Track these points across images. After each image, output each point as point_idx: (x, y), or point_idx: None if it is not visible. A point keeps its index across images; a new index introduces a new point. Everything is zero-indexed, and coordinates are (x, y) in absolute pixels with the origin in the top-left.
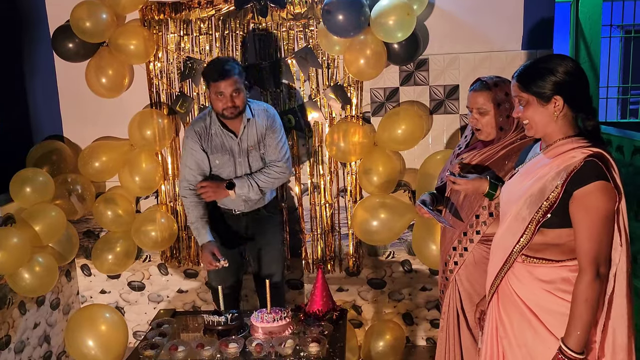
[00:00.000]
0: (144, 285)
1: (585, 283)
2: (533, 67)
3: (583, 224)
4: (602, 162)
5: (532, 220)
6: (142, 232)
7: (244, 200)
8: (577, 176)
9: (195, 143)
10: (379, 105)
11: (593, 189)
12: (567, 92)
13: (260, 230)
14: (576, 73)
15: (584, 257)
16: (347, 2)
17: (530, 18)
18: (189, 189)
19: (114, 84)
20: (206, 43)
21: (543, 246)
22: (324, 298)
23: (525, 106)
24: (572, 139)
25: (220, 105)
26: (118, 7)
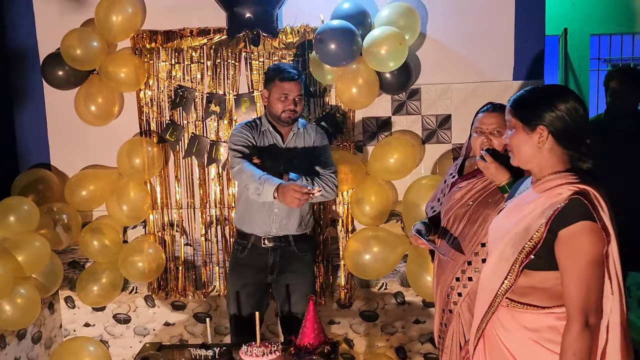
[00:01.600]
0: (130, 317)
1: (573, 334)
2: (530, 93)
3: (569, 269)
4: (588, 201)
5: (515, 261)
6: (129, 262)
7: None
8: (561, 215)
9: (247, 131)
10: (371, 134)
11: (578, 229)
12: (555, 125)
13: (287, 269)
14: (571, 108)
15: (571, 306)
16: (339, 31)
17: (521, 49)
18: (243, 158)
19: (103, 112)
20: (198, 71)
21: (528, 290)
22: (316, 331)
23: (512, 131)
24: (562, 175)
25: (281, 107)
26: (109, 35)
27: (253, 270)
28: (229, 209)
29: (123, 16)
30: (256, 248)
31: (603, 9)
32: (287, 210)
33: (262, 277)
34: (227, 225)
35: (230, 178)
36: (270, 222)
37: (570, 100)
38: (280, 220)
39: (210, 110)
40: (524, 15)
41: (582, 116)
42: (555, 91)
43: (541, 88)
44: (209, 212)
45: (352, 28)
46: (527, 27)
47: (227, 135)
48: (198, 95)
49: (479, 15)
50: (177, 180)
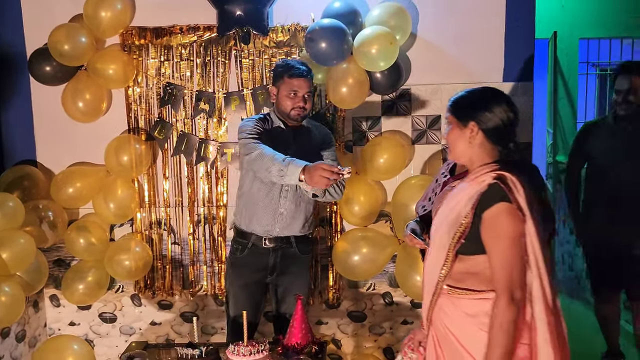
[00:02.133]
0: (116, 317)
1: (499, 308)
2: (468, 93)
3: (493, 248)
4: (504, 184)
5: (449, 247)
6: (116, 261)
7: (280, 214)
8: (483, 199)
9: (259, 124)
10: (361, 134)
11: (497, 210)
12: (486, 123)
13: (288, 270)
14: (502, 110)
15: (497, 282)
16: (330, 30)
17: (511, 50)
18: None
19: (91, 109)
20: (187, 69)
21: (464, 275)
22: (303, 330)
23: (449, 126)
24: (488, 165)
25: (290, 104)
26: (98, 31)
27: (253, 270)
28: (217, 208)
29: (112, 12)
30: (257, 248)
31: (592, 13)
32: (293, 210)
33: (261, 278)
34: (215, 224)
35: (218, 177)
36: (274, 222)
37: (503, 103)
38: (284, 221)
39: (199, 108)
40: (514, 17)
41: (511, 118)
42: (491, 94)
43: (480, 89)
44: (197, 211)
45: (342, 27)
46: (518, 29)
47: (216, 133)
48: (187, 93)
49: (470, 16)
50: (165, 179)
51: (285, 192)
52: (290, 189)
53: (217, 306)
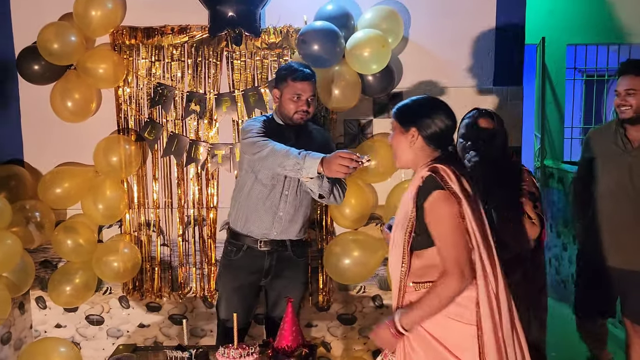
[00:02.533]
0: (103, 319)
1: (446, 282)
2: (411, 101)
3: (436, 232)
4: (437, 175)
5: (404, 244)
6: (104, 262)
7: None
8: (421, 191)
9: (262, 123)
10: (353, 136)
11: (433, 199)
12: (425, 128)
13: (282, 274)
14: (440, 117)
15: (446, 262)
16: (323, 32)
17: (501, 56)
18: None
19: (80, 108)
20: (178, 70)
21: (424, 269)
22: (294, 333)
23: (392, 132)
24: (425, 165)
25: (293, 108)
26: (88, 30)
27: (247, 272)
28: (208, 210)
29: (102, 11)
30: (252, 250)
31: (580, 20)
32: (292, 214)
33: (255, 280)
34: (205, 225)
35: (209, 178)
36: (272, 225)
37: (441, 111)
38: (283, 224)
39: (190, 109)
40: (504, 22)
41: (449, 125)
42: (431, 102)
43: (422, 98)
44: (186, 212)
45: (335, 29)
46: (508, 35)
47: (207, 135)
48: (178, 94)
49: (461, 20)
50: (154, 180)
51: (285, 195)
52: (290, 193)
53: (206, 308)
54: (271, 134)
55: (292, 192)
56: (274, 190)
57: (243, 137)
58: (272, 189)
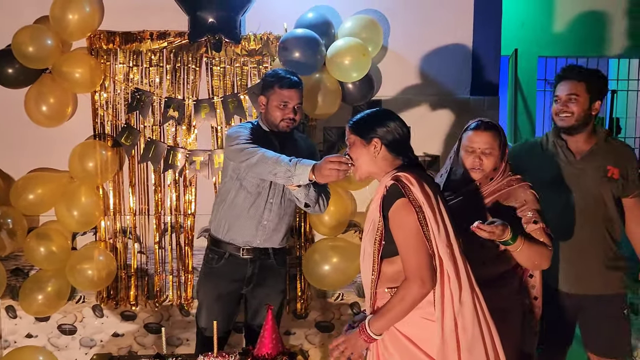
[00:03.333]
0: (76, 328)
1: (408, 287)
2: (365, 114)
3: (398, 239)
4: (399, 183)
5: (374, 253)
6: (78, 270)
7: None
8: (385, 201)
9: (248, 130)
10: (332, 144)
11: (395, 207)
12: (386, 137)
13: (264, 283)
14: (397, 125)
15: (407, 268)
16: (304, 40)
17: (478, 66)
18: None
19: (55, 113)
20: (156, 75)
21: (398, 274)
22: (274, 340)
23: (351, 147)
24: (389, 173)
25: (280, 115)
26: (64, 33)
27: (229, 280)
28: (185, 217)
29: (80, 15)
30: (234, 258)
31: (550, 33)
32: (276, 222)
33: (237, 288)
34: (182, 233)
35: (187, 185)
36: (256, 233)
37: (396, 119)
38: (267, 233)
39: (168, 115)
40: (481, 34)
41: (405, 132)
42: (384, 113)
43: (374, 111)
44: (163, 219)
45: (316, 37)
46: (484, 46)
47: (185, 141)
48: (156, 100)
49: (439, 31)
50: (131, 186)
51: (270, 203)
52: (275, 201)
53: (182, 317)
54: (257, 141)
55: (277, 201)
56: (259, 198)
57: (229, 144)
58: (258, 197)
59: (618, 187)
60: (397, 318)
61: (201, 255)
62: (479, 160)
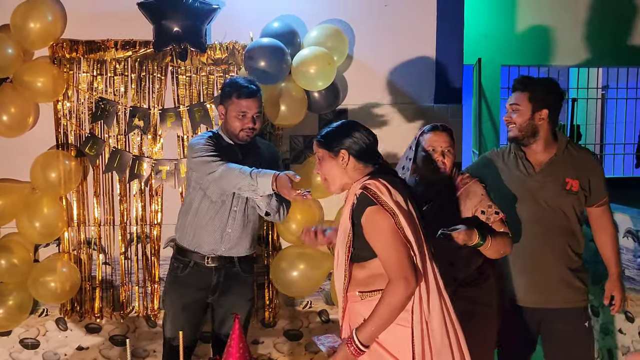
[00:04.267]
0: (39, 342)
1: (392, 290)
2: (330, 128)
3: (376, 246)
4: (369, 192)
5: (345, 259)
6: (40, 283)
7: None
8: (356, 209)
9: (209, 140)
10: (299, 152)
11: (367, 215)
12: (353, 147)
13: (230, 290)
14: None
15: (389, 272)
16: (270, 49)
17: (442, 75)
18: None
19: (16, 123)
20: (121, 84)
21: (370, 279)
22: (241, 350)
23: (321, 161)
24: (358, 181)
25: (239, 125)
26: (26, 42)
27: (194, 289)
28: (151, 226)
29: (42, 23)
30: (199, 266)
31: (513, 42)
32: (240, 231)
33: (203, 297)
34: (148, 243)
35: (152, 194)
36: (221, 241)
37: (361, 129)
38: (231, 241)
39: (133, 124)
40: (444, 43)
41: (371, 140)
42: (349, 124)
43: (339, 123)
44: (129, 230)
45: (282, 46)
46: (447, 54)
47: (151, 150)
48: (121, 109)
49: (403, 41)
50: (95, 196)
51: (234, 212)
52: (239, 209)
53: (149, 328)
54: (218, 151)
55: (241, 209)
56: (222, 206)
57: (193, 155)
58: (221, 206)
59: (579, 199)
60: (385, 325)
61: (168, 265)
62: (442, 158)
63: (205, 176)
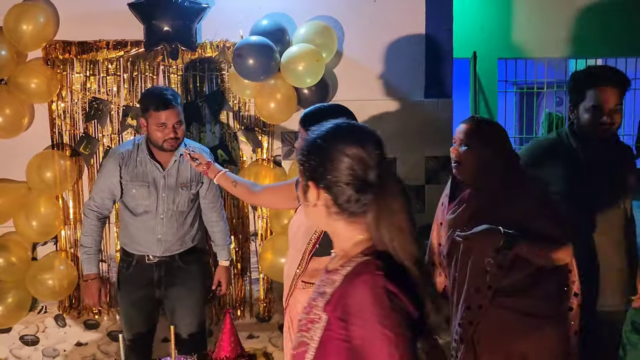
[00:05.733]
0: (38, 339)
1: None
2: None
3: None
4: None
5: (305, 250)
6: (39, 280)
7: (159, 240)
8: None
9: (116, 167)
10: (290, 148)
11: None
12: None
13: (174, 282)
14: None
15: None
16: (257, 46)
17: (431, 69)
18: (94, 211)
19: (11, 124)
20: (114, 84)
21: (317, 272)
22: (232, 344)
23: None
24: None
25: (161, 137)
26: (19, 44)
27: (139, 286)
28: None
29: (34, 25)
30: (141, 264)
31: (509, 36)
32: (172, 234)
33: (149, 292)
34: None
35: None
36: (155, 246)
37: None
38: (165, 245)
39: (126, 123)
40: (433, 37)
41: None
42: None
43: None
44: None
45: (270, 44)
46: (437, 49)
47: None
48: (114, 108)
49: (392, 35)
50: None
51: (161, 219)
52: (165, 216)
53: None
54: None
55: (168, 215)
56: (146, 216)
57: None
58: (146, 215)
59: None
60: None
61: None
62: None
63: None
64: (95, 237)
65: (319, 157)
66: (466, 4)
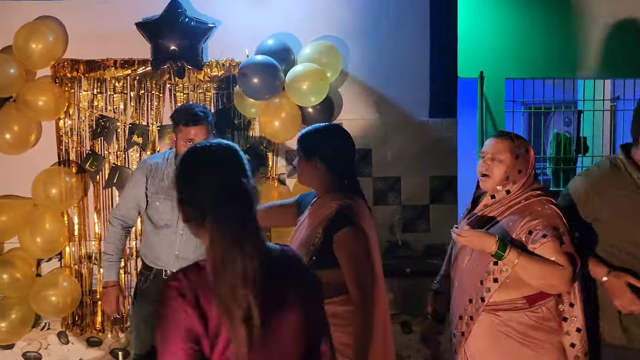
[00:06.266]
0: (41, 356)
1: (358, 311)
2: (311, 130)
3: (346, 264)
4: (351, 212)
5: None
6: (42, 297)
7: (176, 256)
8: (332, 223)
9: (142, 178)
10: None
11: (344, 233)
12: (325, 156)
13: None
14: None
15: (351, 288)
16: (262, 66)
17: (436, 89)
18: (118, 219)
19: (18, 141)
20: (120, 102)
21: None
22: None
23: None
24: (332, 194)
25: None
26: (28, 62)
27: (153, 301)
28: None
29: (43, 44)
30: (158, 279)
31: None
32: (190, 252)
33: None
34: None
35: None
36: (173, 263)
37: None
38: (181, 262)
39: (132, 141)
40: (437, 58)
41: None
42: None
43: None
44: (128, 245)
45: (274, 63)
46: (441, 69)
47: None
48: (120, 126)
49: (398, 56)
50: (96, 212)
51: (180, 235)
52: (185, 232)
53: None
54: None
55: (188, 232)
56: (167, 230)
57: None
58: (167, 229)
59: None
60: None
61: None
62: (487, 165)
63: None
64: (118, 245)
65: None
66: (473, 24)
